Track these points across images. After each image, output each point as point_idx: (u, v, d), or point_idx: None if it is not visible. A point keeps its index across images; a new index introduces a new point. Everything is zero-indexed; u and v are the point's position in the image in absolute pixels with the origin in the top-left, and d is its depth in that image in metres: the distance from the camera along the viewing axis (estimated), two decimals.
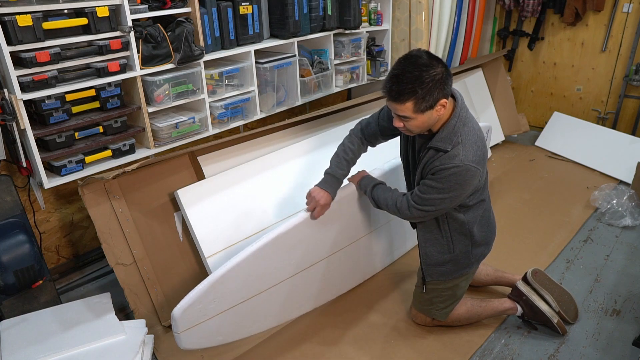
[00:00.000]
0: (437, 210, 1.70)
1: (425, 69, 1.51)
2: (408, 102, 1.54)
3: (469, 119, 1.66)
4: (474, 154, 1.61)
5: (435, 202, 1.67)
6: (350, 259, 2.17)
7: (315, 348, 1.98)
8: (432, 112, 1.58)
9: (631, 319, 2.08)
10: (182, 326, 1.66)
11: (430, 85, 1.51)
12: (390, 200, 1.81)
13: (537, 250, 2.56)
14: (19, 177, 2.16)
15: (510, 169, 3.50)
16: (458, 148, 1.60)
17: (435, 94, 1.53)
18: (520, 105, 4.26)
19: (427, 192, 1.67)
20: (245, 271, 1.76)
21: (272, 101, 2.60)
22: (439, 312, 1.96)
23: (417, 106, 1.54)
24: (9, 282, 1.88)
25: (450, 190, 1.63)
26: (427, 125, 1.63)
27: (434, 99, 1.54)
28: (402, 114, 1.58)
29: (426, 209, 1.70)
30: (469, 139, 1.62)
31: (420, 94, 1.51)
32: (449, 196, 1.65)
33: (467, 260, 1.87)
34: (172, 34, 2.11)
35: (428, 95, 1.52)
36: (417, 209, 1.72)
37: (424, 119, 1.59)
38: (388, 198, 1.83)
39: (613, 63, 3.66)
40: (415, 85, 1.51)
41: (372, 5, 3.07)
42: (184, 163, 2.19)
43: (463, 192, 1.66)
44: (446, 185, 1.63)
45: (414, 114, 1.56)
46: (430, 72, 1.51)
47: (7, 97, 1.78)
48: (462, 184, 1.62)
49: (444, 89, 1.55)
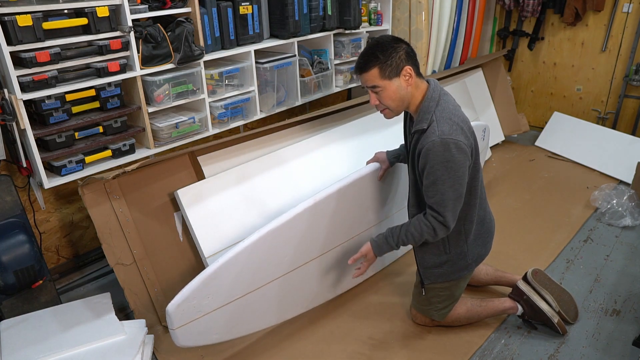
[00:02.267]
0: (455, 201, 1.66)
1: (387, 43, 1.65)
2: (373, 69, 1.64)
3: (442, 99, 1.70)
4: (450, 127, 1.62)
5: (448, 194, 1.64)
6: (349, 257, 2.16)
7: (313, 347, 1.98)
8: (400, 81, 1.66)
9: (631, 319, 2.08)
10: (177, 322, 1.66)
11: (391, 52, 1.63)
12: (417, 232, 1.74)
13: (537, 250, 2.56)
14: (19, 177, 2.16)
15: (510, 169, 3.50)
16: (433, 125, 1.64)
17: (397, 60, 1.64)
18: (520, 105, 4.26)
19: (434, 193, 1.66)
20: (239, 266, 1.75)
21: (272, 101, 2.60)
22: (437, 313, 1.96)
23: (382, 71, 1.64)
24: (9, 282, 1.88)
25: (447, 173, 1.62)
26: (399, 97, 1.68)
27: (396, 64, 1.64)
28: (370, 83, 1.67)
29: (447, 208, 1.66)
30: (443, 115, 1.65)
31: (382, 59, 1.63)
32: (451, 181, 1.63)
33: (464, 261, 1.87)
34: (172, 34, 2.11)
35: (390, 60, 1.63)
36: (441, 216, 1.68)
37: (394, 88, 1.66)
38: (414, 233, 1.75)
39: (613, 63, 3.66)
40: (376, 52, 1.64)
41: (372, 5, 3.07)
42: (184, 163, 2.19)
43: (460, 168, 1.63)
44: (440, 171, 1.62)
45: (381, 80, 1.65)
46: (393, 45, 1.65)
47: (7, 97, 1.78)
48: (450, 160, 1.61)
49: (407, 59, 1.66)
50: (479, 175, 1.79)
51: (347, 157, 2.57)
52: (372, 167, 2.10)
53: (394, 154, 2.09)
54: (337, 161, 2.53)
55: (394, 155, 2.09)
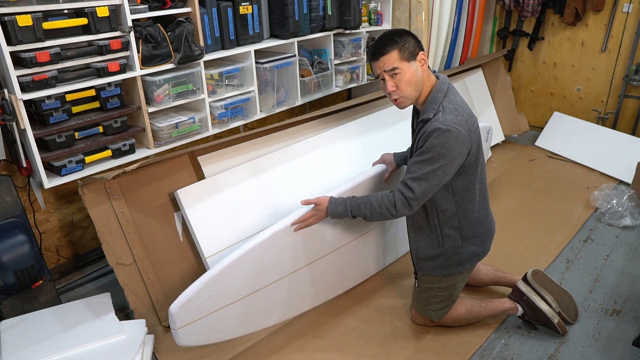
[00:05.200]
0: (431, 186, 1.66)
1: (401, 32, 1.73)
2: (393, 51, 1.68)
3: (451, 92, 1.73)
4: (454, 117, 1.64)
5: (428, 176, 1.64)
6: (351, 257, 2.17)
7: (313, 347, 1.98)
8: (417, 64, 1.71)
9: (631, 319, 2.08)
10: (179, 322, 1.67)
11: (405, 37, 1.70)
12: (376, 203, 1.74)
13: (537, 250, 2.56)
14: (19, 177, 2.16)
15: (510, 169, 3.50)
16: (439, 114, 1.67)
17: (412, 44, 1.70)
18: (520, 105, 4.26)
19: (417, 169, 1.67)
20: (243, 268, 1.76)
21: (272, 101, 2.60)
22: (435, 313, 1.96)
23: (401, 53, 1.68)
24: (9, 282, 1.88)
25: (438, 158, 1.62)
26: (416, 81, 1.71)
27: (412, 48, 1.70)
28: (390, 66, 1.69)
29: (420, 187, 1.66)
30: (449, 106, 1.68)
31: (399, 42, 1.69)
32: (439, 166, 1.63)
33: (458, 256, 1.86)
34: (172, 34, 2.11)
35: (407, 43, 1.69)
36: (412, 191, 1.67)
37: (412, 71, 1.70)
38: (373, 202, 1.74)
39: (613, 63, 3.66)
40: (394, 37, 1.70)
41: (372, 5, 3.07)
42: (184, 163, 2.19)
43: (451, 159, 1.63)
44: (432, 152, 1.63)
45: (400, 62, 1.68)
46: (405, 33, 1.72)
47: (7, 97, 1.78)
48: (446, 147, 1.61)
49: (420, 46, 1.73)
50: (478, 172, 1.78)
51: (348, 157, 2.57)
52: (379, 168, 2.10)
53: (401, 156, 2.10)
54: (337, 161, 2.53)
55: (401, 157, 2.09)
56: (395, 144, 2.25)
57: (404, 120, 2.67)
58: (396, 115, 2.78)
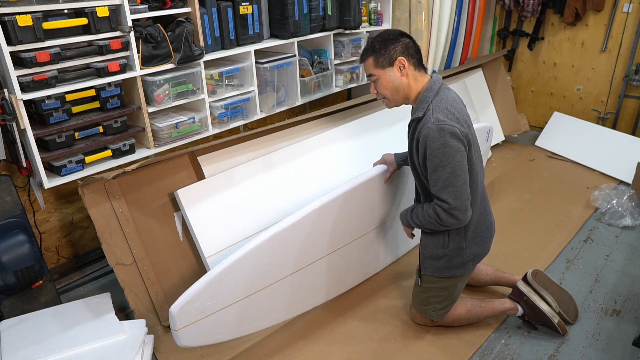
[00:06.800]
0: (459, 188, 1.65)
1: (388, 36, 1.73)
2: (368, 59, 1.75)
3: (442, 92, 1.74)
4: (445, 115, 1.65)
5: (450, 179, 1.65)
6: (351, 257, 2.17)
7: (313, 347, 1.98)
8: (394, 71, 1.73)
9: (631, 319, 2.08)
10: (179, 323, 1.66)
11: (389, 44, 1.71)
12: (421, 213, 1.78)
13: (537, 250, 2.56)
14: (19, 177, 2.16)
15: (510, 169, 3.50)
16: (429, 113, 1.68)
17: (392, 50, 1.71)
18: (520, 105, 4.26)
19: (436, 180, 1.67)
20: (243, 269, 1.76)
21: (272, 101, 2.60)
22: (435, 313, 1.96)
23: (375, 61, 1.73)
24: (9, 282, 1.88)
25: (447, 157, 1.63)
26: (393, 87, 1.74)
27: (391, 54, 1.71)
28: (367, 72, 1.77)
29: (450, 194, 1.66)
30: (439, 105, 1.69)
31: (377, 48, 1.72)
32: (452, 165, 1.63)
33: (460, 257, 1.86)
34: (172, 34, 2.11)
35: (384, 50, 1.71)
36: (445, 202, 1.67)
37: (387, 77, 1.74)
38: (419, 213, 1.80)
39: (613, 63, 3.66)
40: (374, 43, 1.74)
41: (372, 5, 3.07)
42: (184, 163, 2.19)
43: (455, 153, 1.63)
44: (438, 156, 1.63)
45: (375, 69, 1.74)
46: (394, 38, 1.72)
47: (7, 97, 1.78)
48: (446, 144, 1.62)
49: (404, 51, 1.72)
50: (475, 170, 1.78)
51: (348, 157, 2.57)
52: (379, 169, 2.10)
53: (402, 156, 2.10)
54: (337, 161, 2.53)
55: (402, 158, 2.09)
56: (395, 144, 2.25)
57: (404, 120, 2.67)
58: (396, 116, 2.78)
